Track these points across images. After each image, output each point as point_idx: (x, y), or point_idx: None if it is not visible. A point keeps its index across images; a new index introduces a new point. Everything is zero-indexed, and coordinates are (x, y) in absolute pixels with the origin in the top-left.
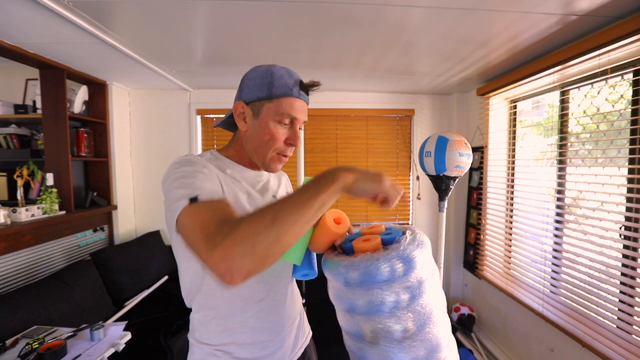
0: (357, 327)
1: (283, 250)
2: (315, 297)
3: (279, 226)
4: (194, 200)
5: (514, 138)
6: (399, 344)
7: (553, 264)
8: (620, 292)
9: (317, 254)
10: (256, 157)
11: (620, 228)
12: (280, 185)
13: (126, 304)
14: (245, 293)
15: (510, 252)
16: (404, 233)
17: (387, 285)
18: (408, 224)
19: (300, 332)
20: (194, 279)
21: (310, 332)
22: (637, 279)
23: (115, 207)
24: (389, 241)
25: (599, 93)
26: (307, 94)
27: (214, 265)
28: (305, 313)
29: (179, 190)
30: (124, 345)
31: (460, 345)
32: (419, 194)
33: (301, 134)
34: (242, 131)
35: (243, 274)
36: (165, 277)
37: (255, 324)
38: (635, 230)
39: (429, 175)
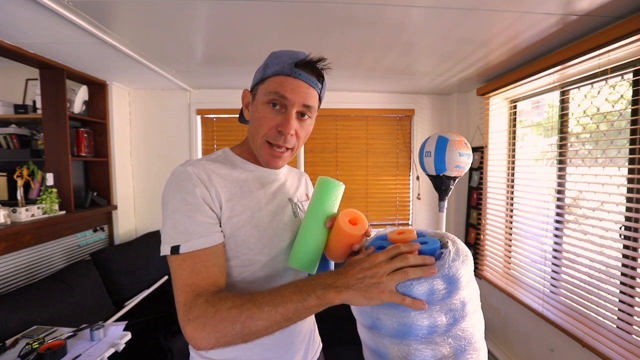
0: (384, 349)
1: (259, 335)
2: None
3: (247, 334)
4: (175, 250)
5: (514, 138)
6: None
7: (553, 264)
8: (620, 292)
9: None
10: (253, 147)
11: (620, 228)
12: (299, 187)
13: (126, 304)
14: None
15: (510, 252)
16: (442, 243)
17: (427, 307)
18: (408, 224)
19: (311, 346)
20: None
21: (321, 345)
22: (637, 279)
23: (115, 207)
24: (427, 253)
25: (599, 93)
26: (313, 74)
27: (185, 332)
28: (316, 325)
29: (168, 229)
30: (124, 345)
31: None
32: (419, 194)
33: (306, 125)
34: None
35: (207, 348)
36: (165, 277)
37: (262, 340)
38: (635, 230)
39: (429, 175)
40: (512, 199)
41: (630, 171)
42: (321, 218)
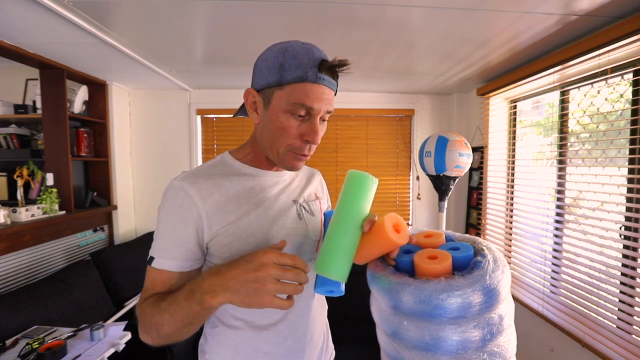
0: None
1: (178, 338)
2: None
3: (164, 337)
4: (150, 260)
5: (514, 138)
6: None
7: (553, 264)
8: (620, 292)
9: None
10: (270, 153)
11: (620, 228)
12: (307, 186)
13: (126, 304)
14: (258, 316)
15: (510, 252)
16: (475, 250)
17: (463, 321)
18: (408, 224)
19: (324, 354)
20: None
21: (334, 353)
22: (637, 279)
23: (115, 207)
24: (462, 261)
25: (599, 93)
26: (333, 77)
27: None
28: (329, 331)
29: (154, 237)
30: (124, 345)
31: None
32: (419, 194)
33: (323, 127)
34: (255, 124)
35: (151, 345)
36: None
37: (270, 349)
38: (635, 230)
39: (429, 175)
40: (512, 199)
41: (630, 171)
42: (358, 220)
